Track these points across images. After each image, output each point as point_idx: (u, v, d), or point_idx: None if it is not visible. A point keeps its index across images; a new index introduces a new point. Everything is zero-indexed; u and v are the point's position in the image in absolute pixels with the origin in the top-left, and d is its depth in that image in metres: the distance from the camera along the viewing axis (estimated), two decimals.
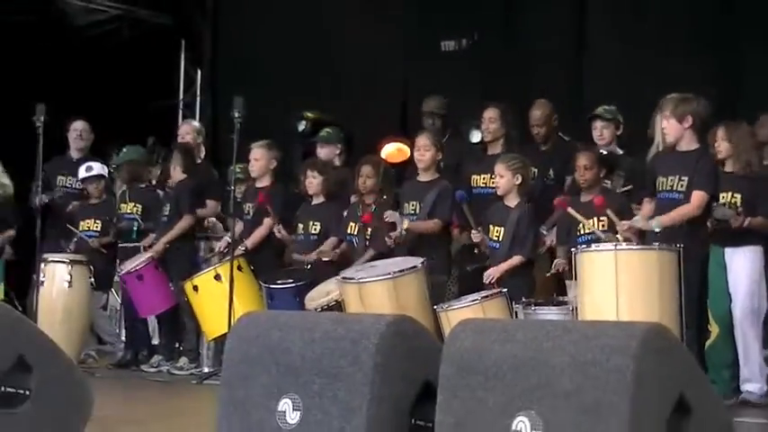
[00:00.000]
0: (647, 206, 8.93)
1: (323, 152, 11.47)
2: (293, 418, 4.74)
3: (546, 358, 4.22)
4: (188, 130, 12.48)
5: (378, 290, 9.30)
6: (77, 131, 12.34)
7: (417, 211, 9.98)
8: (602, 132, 10.18)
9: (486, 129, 10.47)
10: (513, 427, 4.19)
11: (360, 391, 4.59)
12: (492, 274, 9.34)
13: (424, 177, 10.14)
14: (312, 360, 4.75)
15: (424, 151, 10.04)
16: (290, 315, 6.31)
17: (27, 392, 5.76)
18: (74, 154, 12.40)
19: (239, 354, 5.03)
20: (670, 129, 8.71)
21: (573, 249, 8.71)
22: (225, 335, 10.13)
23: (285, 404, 4.76)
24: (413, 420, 4.65)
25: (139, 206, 11.70)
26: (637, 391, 4.04)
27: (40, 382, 5.80)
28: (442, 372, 4.43)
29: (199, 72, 16.28)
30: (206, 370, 10.87)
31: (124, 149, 12.36)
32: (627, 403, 4.02)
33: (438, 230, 9.90)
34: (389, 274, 9.30)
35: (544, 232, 9.94)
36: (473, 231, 9.59)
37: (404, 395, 4.65)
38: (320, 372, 4.70)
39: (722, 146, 9.06)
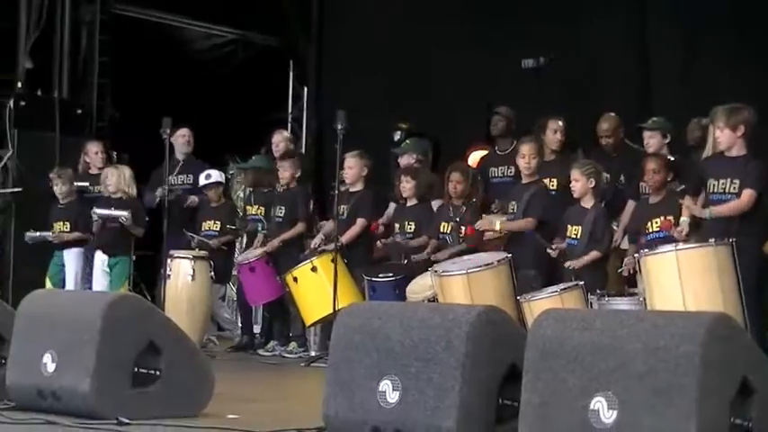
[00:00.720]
0: (691, 200, 8.89)
1: (403, 160, 11.48)
2: (393, 397, 4.76)
3: (621, 344, 4.20)
4: (281, 138, 12.46)
5: (454, 283, 9.34)
6: (185, 137, 12.32)
7: (516, 210, 9.93)
8: (648, 141, 10.06)
9: (554, 139, 10.46)
10: (592, 407, 4.18)
11: (452, 374, 4.60)
12: (574, 264, 9.26)
13: (525, 180, 10.06)
14: (410, 346, 4.76)
15: (530, 159, 9.91)
16: (390, 305, 6.35)
17: (157, 373, 5.85)
18: (179, 156, 12.36)
19: (344, 340, 5.05)
20: (723, 138, 8.61)
21: (636, 255, 8.69)
22: (320, 320, 10.44)
23: (386, 385, 4.78)
24: (500, 400, 4.65)
25: (263, 208, 11.71)
26: (704, 374, 4.01)
27: (169, 364, 5.88)
28: (526, 356, 4.42)
29: (305, 89, 16.31)
30: (313, 354, 10.87)
31: (253, 158, 12.46)
32: (695, 386, 4.00)
33: (531, 227, 9.79)
34: (464, 270, 9.32)
35: (615, 228, 9.85)
36: (548, 249, 9.56)
37: (492, 377, 4.65)
38: (417, 356, 4.72)
39: None
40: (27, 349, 6.05)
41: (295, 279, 10.67)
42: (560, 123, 10.44)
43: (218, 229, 11.79)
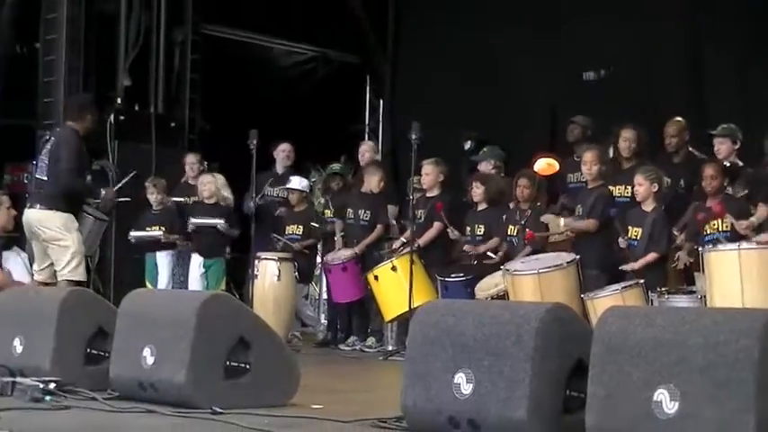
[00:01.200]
0: (762, 209, 8.86)
1: (482, 166, 11.51)
2: (467, 389, 4.74)
3: (682, 339, 4.15)
4: (367, 148, 12.58)
5: (525, 282, 9.34)
6: (285, 152, 12.47)
7: (581, 212, 9.93)
8: (719, 148, 9.96)
9: (626, 147, 10.34)
10: (655, 398, 4.14)
11: (522, 367, 4.58)
12: (632, 266, 9.20)
13: (590, 185, 10.06)
14: (482, 341, 4.74)
15: (591, 166, 9.91)
16: (464, 303, 6.35)
17: (247, 366, 5.87)
18: (279, 169, 12.50)
19: (421, 336, 5.04)
20: None
21: (700, 249, 8.65)
22: (399, 316, 10.39)
23: (460, 377, 4.76)
24: (567, 392, 4.62)
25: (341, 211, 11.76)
26: (762, 367, 3.95)
27: (258, 358, 5.90)
28: (592, 351, 4.39)
29: (381, 102, 16.36)
30: (389, 348, 10.87)
31: (332, 166, 12.57)
32: (753, 378, 3.94)
33: (593, 228, 9.76)
34: (535, 270, 9.31)
35: (676, 233, 9.76)
36: (620, 239, 9.51)
37: (560, 370, 4.62)
38: (489, 350, 4.70)
39: None
40: (128, 344, 6.11)
41: (376, 278, 10.71)
42: (631, 132, 10.32)
43: (300, 232, 11.82)
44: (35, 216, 9.62)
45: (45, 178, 9.70)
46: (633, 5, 13.08)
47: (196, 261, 11.68)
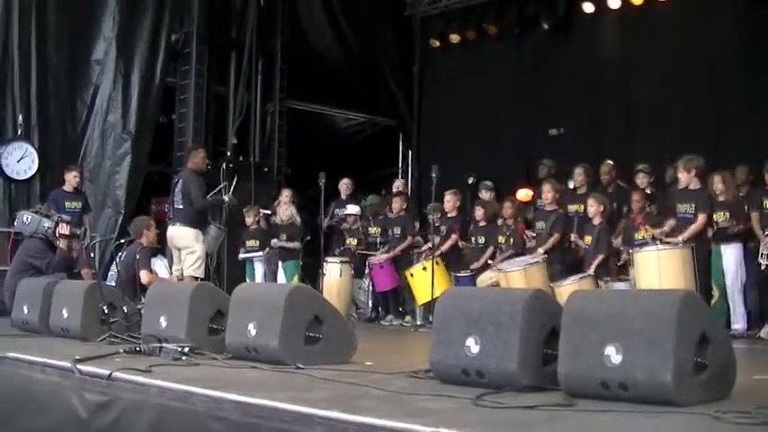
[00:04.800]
0: (671, 221, 8.95)
1: (485, 195, 11.55)
2: (475, 349, 4.72)
3: (625, 311, 4.15)
4: (398, 184, 12.75)
5: (515, 276, 9.35)
6: (346, 184, 12.53)
7: (543, 227, 9.97)
8: (641, 180, 10.05)
9: (576, 179, 10.46)
10: (606, 353, 4.13)
11: (514, 334, 4.57)
12: (590, 270, 9.18)
13: (548, 208, 10.11)
14: (486, 315, 4.73)
15: (547, 193, 10.06)
16: (473, 290, 6.31)
17: (320, 336, 5.86)
18: (343, 196, 12.52)
19: (443, 313, 5.03)
20: (683, 177, 8.87)
21: (631, 251, 8.73)
22: (428, 302, 10.30)
23: (470, 341, 4.75)
24: (545, 350, 4.60)
25: (379, 229, 11.76)
26: (678, 329, 3.98)
27: (327, 330, 5.89)
28: (562, 321, 4.38)
29: (410, 152, 16.39)
30: (419, 323, 10.86)
31: (369, 197, 12.59)
32: (673, 336, 3.96)
33: (557, 241, 9.87)
34: (522, 266, 9.33)
35: (613, 239, 9.75)
36: (579, 243, 9.55)
37: (540, 335, 4.61)
38: (490, 322, 4.69)
39: None
40: (238, 321, 6.10)
41: (411, 275, 10.69)
42: (580, 169, 10.40)
43: (355, 243, 11.84)
44: (175, 231, 9.93)
45: (180, 206, 9.92)
46: (583, 82, 13.14)
47: (280, 265, 11.78)
